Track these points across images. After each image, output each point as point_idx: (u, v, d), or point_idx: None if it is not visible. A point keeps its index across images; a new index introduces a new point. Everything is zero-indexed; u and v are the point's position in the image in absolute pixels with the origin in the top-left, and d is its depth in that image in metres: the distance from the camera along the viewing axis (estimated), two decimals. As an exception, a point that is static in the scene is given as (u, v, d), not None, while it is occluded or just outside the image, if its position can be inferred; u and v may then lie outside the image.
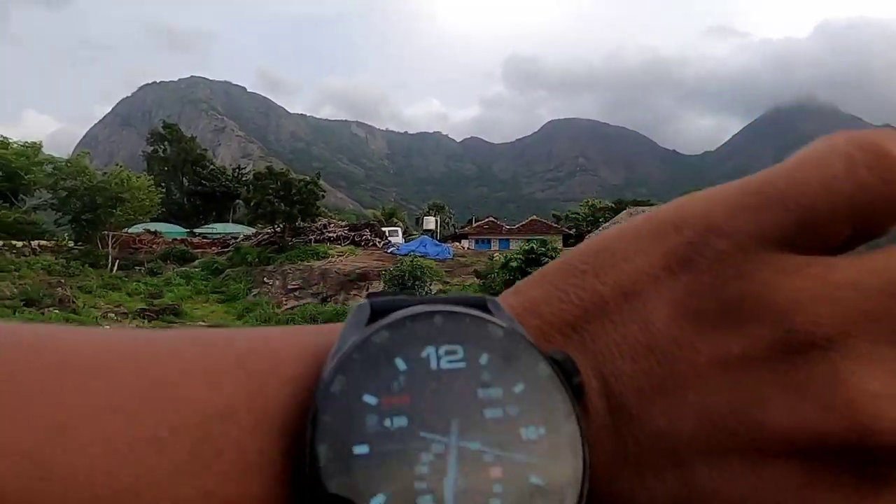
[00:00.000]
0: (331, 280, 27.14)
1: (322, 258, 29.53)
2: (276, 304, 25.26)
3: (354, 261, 29.31)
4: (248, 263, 30.30)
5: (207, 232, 49.51)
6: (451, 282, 24.17)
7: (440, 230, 56.23)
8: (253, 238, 36.25)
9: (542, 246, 17.68)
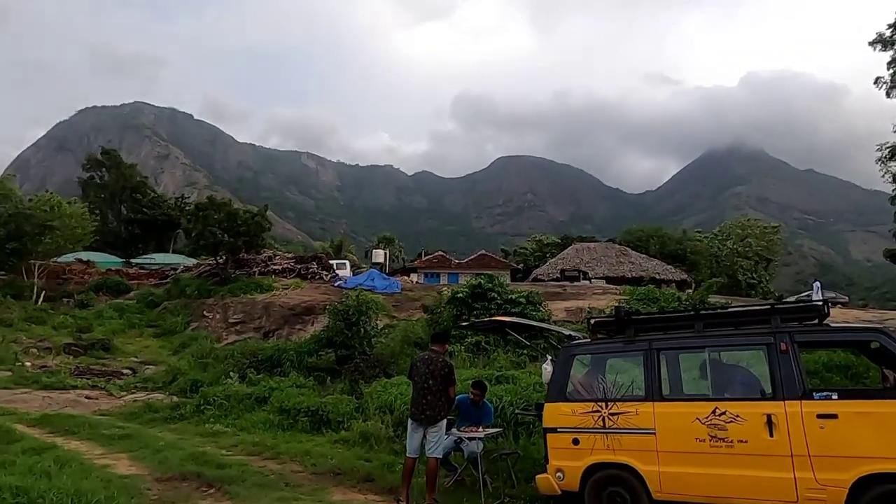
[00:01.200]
0: (275, 314, 26.40)
1: (266, 291, 28.77)
2: (215, 338, 24.29)
3: (300, 294, 28.69)
4: (188, 296, 29.20)
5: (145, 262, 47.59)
6: (398, 316, 23.92)
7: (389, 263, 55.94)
8: (194, 269, 35.07)
9: (490, 281, 17.75)
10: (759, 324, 5.66)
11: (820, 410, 4.92)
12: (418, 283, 39.54)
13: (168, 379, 16.20)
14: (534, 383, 10.85)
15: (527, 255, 63.10)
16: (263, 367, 15.54)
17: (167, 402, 13.60)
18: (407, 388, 11.23)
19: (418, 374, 6.80)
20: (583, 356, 6.36)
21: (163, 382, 16.14)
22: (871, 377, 9.55)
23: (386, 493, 7.29)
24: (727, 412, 5.20)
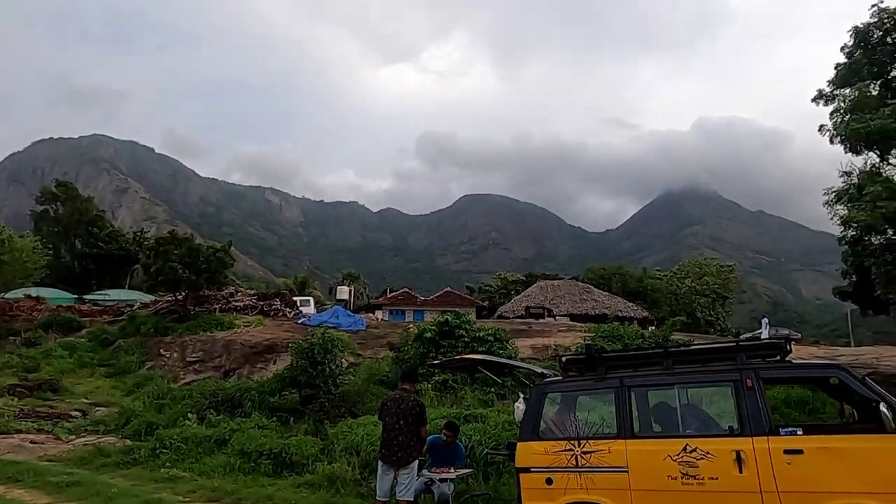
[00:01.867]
0: (235, 352, 25.62)
1: (227, 328, 27.99)
2: (172, 378, 23.36)
3: (262, 331, 28.00)
4: (144, 333, 28.16)
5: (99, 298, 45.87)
6: (363, 354, 23.54)
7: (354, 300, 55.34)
8: (151, 306, 33.92)
9: (457, 318, 17.73)
10: (724, 361, 5.80)
11: (786, 446, 5.03)
12: (383, 321, 39.14)
13: (121, 421, 15.43)
14: (503, 422, 10.78)
15: (492, 293, 63.39)
16: (223, 407, 14.99)
17: (120, 445, 12.94)
18: (374, 427, 11.00)
19: (389, 415, 6.69)
20: (555, 394, 6.38)
21: (115, 425, 15.35)
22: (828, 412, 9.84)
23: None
24: (698, 449, 5.27)
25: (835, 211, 13.21)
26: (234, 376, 23.16)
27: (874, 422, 4.88)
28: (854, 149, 12.99)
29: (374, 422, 11.45)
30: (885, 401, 4.87)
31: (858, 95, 12.36)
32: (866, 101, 12.41)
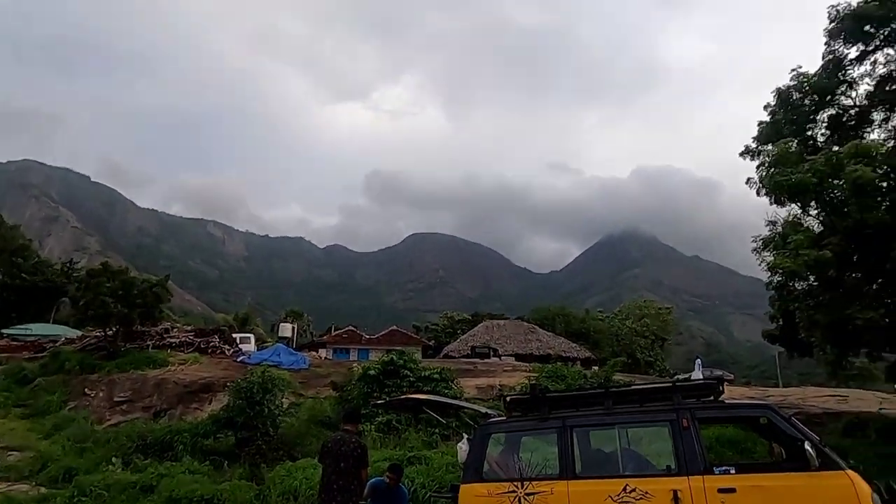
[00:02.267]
0: (168, 391, 24.35)
1: (160, 366, 26.62)
2: (96, 419, 21.90)
3: (198, 370, 26.79)
4: (67, 371, 26.38)
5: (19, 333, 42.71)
6: (305, 394, 22.83)
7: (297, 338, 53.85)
8: (77, 342, 31.91)
9: (402, 357, 17.56)
10: (662, 401, 5.98)
11: (720, 485, 5.19)
12: (327, 359, 38.22)
13: (36, 467, 14.29)
14: (447, 464, 10.64)
15: (438, 332, 63.13)
16: (152, 451, 14.18)
17: (33, 493, 11.96)
18: (314, 471, 10.61)
19: (329, 457, 6.48)
20: (499, 434, 6.37)
21: (29, 471, 14.19)
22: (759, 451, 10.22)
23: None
24: (637, 489, 5.35)
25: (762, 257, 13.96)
26: (166, 417, 21.96)
27: (800, 460, 5.11)
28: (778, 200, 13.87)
29: (314, 465, 11.06)
30: (809, 440, 5.12)
31: (780, 151, 13.32)
32: (787, 157, 13.37)
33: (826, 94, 15.63)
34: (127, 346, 28.84)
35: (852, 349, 13.15)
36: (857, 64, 15.40)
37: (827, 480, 4.95)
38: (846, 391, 22.42)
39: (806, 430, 5.37)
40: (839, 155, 12.42)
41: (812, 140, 15.77)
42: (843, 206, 12.90)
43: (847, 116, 15.63)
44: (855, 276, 12.97)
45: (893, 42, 14.71)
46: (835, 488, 4.92)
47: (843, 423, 13.94)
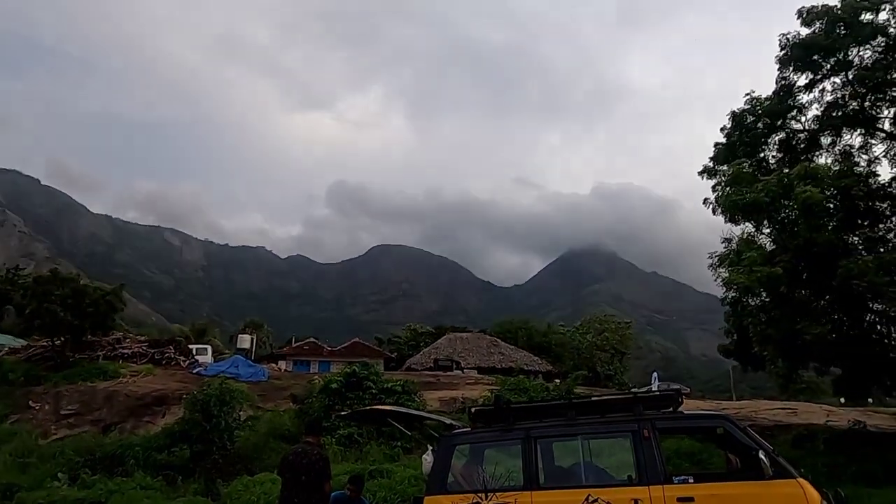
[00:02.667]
0: (119, 404, 23.46)
1: (111, 378, 25.67)
2: (41, 433, 20.88)
3: (151, 382, 25.93)
4: (11, 382, 25.16)
5: (-42, 343, 40.57)
6: (264, 406, 22.31)
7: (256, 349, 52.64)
8: (22, 351, 30.47)
9: (364, 369, 17.38)
10: (623, 412, 6.09)
11: (679, 494, 5.30)
12: (287, 371, 37.50)
13: (-27, 484, 13.51)
14: (409, 477, 10.57)
15: (401, 344, 62.71)
16: (101, 466, 13.61)
17: (-31, 513, 11.31)
18: (273, 486, 10.36)
19: (290, 470, 6.34)
20: (463, 446, 6.36)
21: (-35, 489, 13.41)
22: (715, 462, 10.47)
23: None
24: (599, 499, 5.42)
25: (718, 273, 14.41)
26: (116, 431, 21.15)
27: (755, 469, 5.28)
28: (733, 219, 14.39)
29: (273, 479, 10.79)
30: (763, 449, 5.29)
31: (735, 172, 13.85)
32: (742, 177, 13.91)
33: (778, 118, 16.34)
34: (76, 356, 27.72)
35: (802, 363, 13.66)
36: (807, 91, 16.16)
37: (780, 488, 5.12)
38: (796, 404, 23.22)
39: (760, 439, 5.55)
40: (790, 176, 12.98)
41: (765, 162, 16.44)
42: (794, 225, 13.45)
43: (797, 140, 16.36)
44: (804, 292, 13.51)
45: (839, 71, 15.49)
46: (787, 496, 5.09)
47: (792, 435, 14.43)
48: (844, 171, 13.44)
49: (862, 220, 13.96)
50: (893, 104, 15.18)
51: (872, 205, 14.15)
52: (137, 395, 23.85)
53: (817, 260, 12.94)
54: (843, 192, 13.07)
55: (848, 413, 19.27)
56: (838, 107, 15.80)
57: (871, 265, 11.54)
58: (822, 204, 12.82)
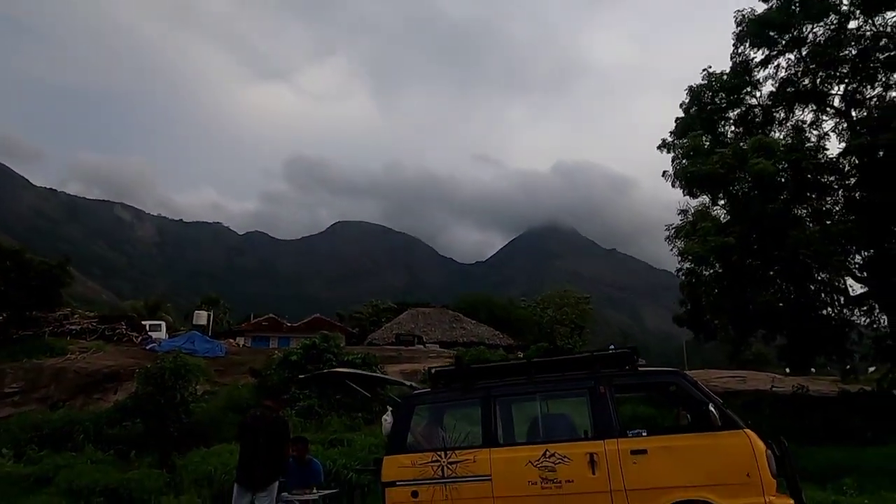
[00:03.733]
0: (68, 381, 22.61)
1: (59, 355, 24.69)
2: (-18, 412, 20.00)
3: (102, 358, 25.06)
4: (-51, 361, 23.94)
5: None
6: (221, 381, 21.89)
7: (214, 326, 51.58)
8: (-40, 329, 29.00)
9: (325, 341, 17.19)
10: (581, 370, 6.16)
11: (633, 447, 5.42)
12: (246, 347, 36.93)
13: None
14: (369, 445, 10.56)
15: (363, 320, 62.47)
16: (49, 442, 13.10)
17: None
18: (231, 456, 10.19)
19: (249, 433, 6.22)
20: (423, 406, 6.35)
21: None
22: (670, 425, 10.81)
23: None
24: (556, 454, 5.49)
25: (674, 245, 14.76)
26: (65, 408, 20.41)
27: (705, 422, 5.43)
28: (690, 192, 14.72)
29: (231, 450, 10.61)
30: (712, 402, 5.45)
31: (692, 144, 14.13)
32: (699, 150, 14.20)
33: (734, 93, 16.69)
34: (20, 333, 26.54)
35: (751, 331, 14.20)
36: (763, 67, 16.55)
37: (728, 439, 5.29)
38: (744, 373, 24.19)
39: (710, 393, 5.71)
40: (744, 149, 13.31)
41: (723, 136, 16.81)
42: (747, 197, 13.86)
43: (753, 115, 16.76)
44: (755, 262, 13.98)
45: (793, 48, 15.87)
46: (735, 445, 5.26)
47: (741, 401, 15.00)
48: (795, 145, 13.86)
49: (810, 192, 14.47)
50: (843, 81, 15.66)
51: (820, 178, 14.67)
52: (87, 371, 23.03)
53: (768, 231, 13.37)
54: (794, 165, 13.50)
55: (792, 380, 20.20)
56: (792, 83, 16.22)
57: (817, 235, 12.00)
58: (774, 176, 13.22)
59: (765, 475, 5.12)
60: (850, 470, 9.37)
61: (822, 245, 11.95)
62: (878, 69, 14.95)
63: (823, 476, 9.31)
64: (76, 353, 25.02)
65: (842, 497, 7.99)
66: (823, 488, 8.54)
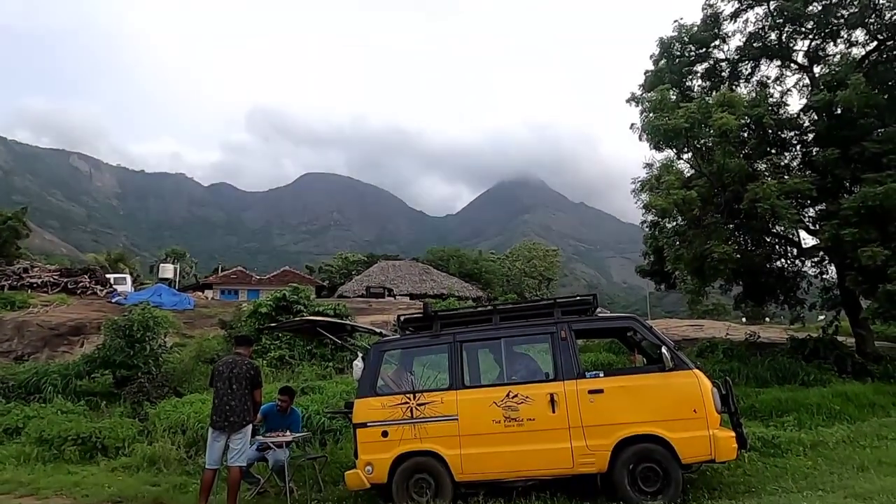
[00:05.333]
0: (31, 334, 22.28)
1: (20, 308, 24.22)
2: (-57, 366, 19.66)
3: (66, 311, 24.69)
4: None
5: None
6: (190, 334, 21.88)
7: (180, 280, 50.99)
8: (-87, 283, 28.07)
9: (295, 293, 17.24)
10: (544, 316, 6.44)
11: (590, 387, 5.77)
12: (215, 300, 36.73)
13: None
14: (340, 392, 10.83)
15: (332, 273, 62.48)
16: (16, 395, 13.02)
17: None
18: (203, 405, 10.36)
19: (221, 379, 6.36)
20: (393, 351, 6.58)
21: None
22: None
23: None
24: (519, 394, 5.81)
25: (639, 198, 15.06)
26: (30, 361, 20.20)
27: (658, 363, 5.79)
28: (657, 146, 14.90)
29: (204, 399, 10.77)
30: (666, 345, 5.80)
31: (660, 97, 14.22)
32: (666, 104, 14.30)
33: (703, 46, 16.73)
34: (-22, 286, 25.87)
35: (709, 280, 14.73)
36: (732, 20, 16.54)
37: (678, 378, 5.67)
38: (702, 321, 25.24)
39: (664, 336, 6.07)
40: (709, 104, 13.49)
41: (689, 90, 16.92)
42: (710, 151, 14.14)
43: (720, 69, 16.89)
44: (716, 216, 14.41)
45: (763, 1, 15.90)
46: (684, 385, 5.65)
47: (697, 347, 15.77)
48: (758, 100, 14.08)
49: (771, 147, 14.82)
50: (807, 37, 15.84)
51: (781, 134, 15.01)
52: (51, 325, 22.69)
53: (728, 185, 13.76)
54: (756, 121, 13.76)
55: (747, 328, 21.20)
56: (759, 38, 16.32)
57: (774, 189, 12.38)
58: (737, 131, 13.50)
59: (710, 411, 5.54)
60: (792, 409, 10.06)
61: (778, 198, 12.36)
62: (840, 26, 15.17)
63: (768, 414, 9.99)
64: (39, 307, 24.56)
65: (782, 432, 8.62)
66: (767, 425, 9.18)
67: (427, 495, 5.77)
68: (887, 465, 6.68)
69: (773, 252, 15.51)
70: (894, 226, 11.89)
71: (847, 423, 9.26)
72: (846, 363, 12.72)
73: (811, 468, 6.92)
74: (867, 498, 4.94)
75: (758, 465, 7.11)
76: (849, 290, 13.64)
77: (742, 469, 6.87)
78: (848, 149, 12.98)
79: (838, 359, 12.86)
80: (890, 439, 8.23)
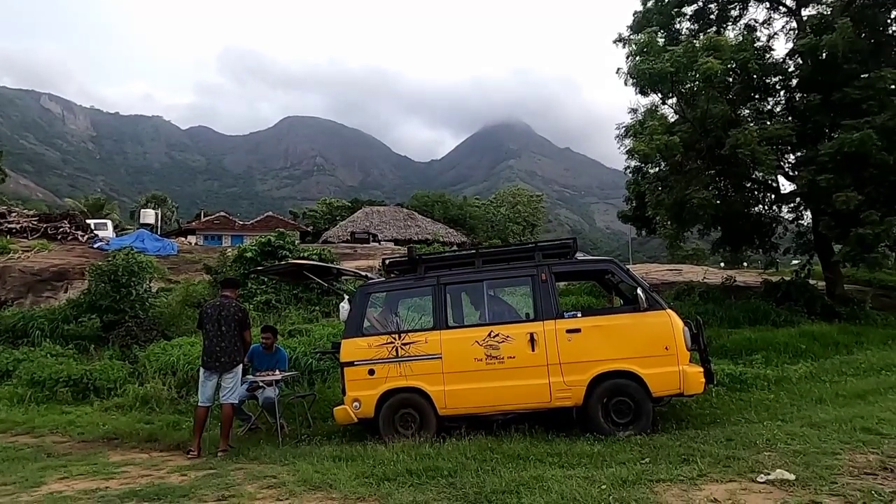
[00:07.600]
0: (13, 280, 22.16)
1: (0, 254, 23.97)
2: (-75, 312, 19.58)
3: (48, 257, 24.48)
4: None
5: None
6: (175, 279, 21.92)
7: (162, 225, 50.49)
8: None
9: (281, 238, 17.28)
10: (525, 259, 6.63)
11: (568, 326, 6.03)
12: (198, 245, 36.58)
13: None
14: (327, 334, 11.08)
15: (316, 218, 62.21)
16: (3, 339, 13.13)
17: None
18: (192, 347, 10.58)
19: (210, 321, 6.51)
20: (378, 294, 6.76)
21: None
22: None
23: (173, 450, 6.93)
24: (500, 334, 6.05)
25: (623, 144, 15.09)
26: (13, 307, 20.20)
27: (634, 304, 6.05)
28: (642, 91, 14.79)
29: (192, 342, 10.98)
30: (641, 286, 6.04)
31: (646, 40, 14.03)
32: (653, 47, 14.14)
33: (691, -13, 16.40)
34: (-46, 232, 25.45)
35: (688, 225, 15.01)
36: (722, -41, 16.18)
37: (652, 318, 5.94)
38: (682, 266, 25.82)
39: (639, 278, 6.31)
40: (695, 47, 13.37)
41: (678, 33, 16.68)
42: (695, 97, 14.12)
43: (708, 10, 16.63)
44: (697, 162, 14.54)
45: (754, -59, 15.53)
46: (657, 324, 5.93)
47: (675, 290, 16.22)
48: (744, 44, 13.95)
49: (755, 93, 14.83)
50: (797, -22, 15.59)
51: (765, 79, 14.98)
52: (33, 270, 22.53)
53: (711, 131, 13.82)
54: (742, 65, 13.69)
55: (724, 272, 21.75)
56: (748, -21, 16.04)
57: (755, 135, 12.49)
58: (722, 76, 13.46)
59: (680, 348, 5.84)
60: (761, 348, 10.54)
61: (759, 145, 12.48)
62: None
63: (738, 353, 10.46)
64: (20, 253, 24.32)
65: (750, 369, 9.08)
66: (736, 363, 9.64)
67: (412, 428, 6.08)
68: (843, 398, 7.13)
69: (751, 198, 15.77)
70: (869, 172, 12.13)
71: (811, 361, 9.75)
72: (816, 305, 13.21)
73: (773, 401, 7.37)
74: (822, 426, 5.32)
75: (724, 399, 7.55)
76: (822, 235, 13.99)
77: (709, 402, 7.30)
78: (830, 95, 13.04)
79: (808, 301, 13.34)
80: (849, 375, 8.72)
